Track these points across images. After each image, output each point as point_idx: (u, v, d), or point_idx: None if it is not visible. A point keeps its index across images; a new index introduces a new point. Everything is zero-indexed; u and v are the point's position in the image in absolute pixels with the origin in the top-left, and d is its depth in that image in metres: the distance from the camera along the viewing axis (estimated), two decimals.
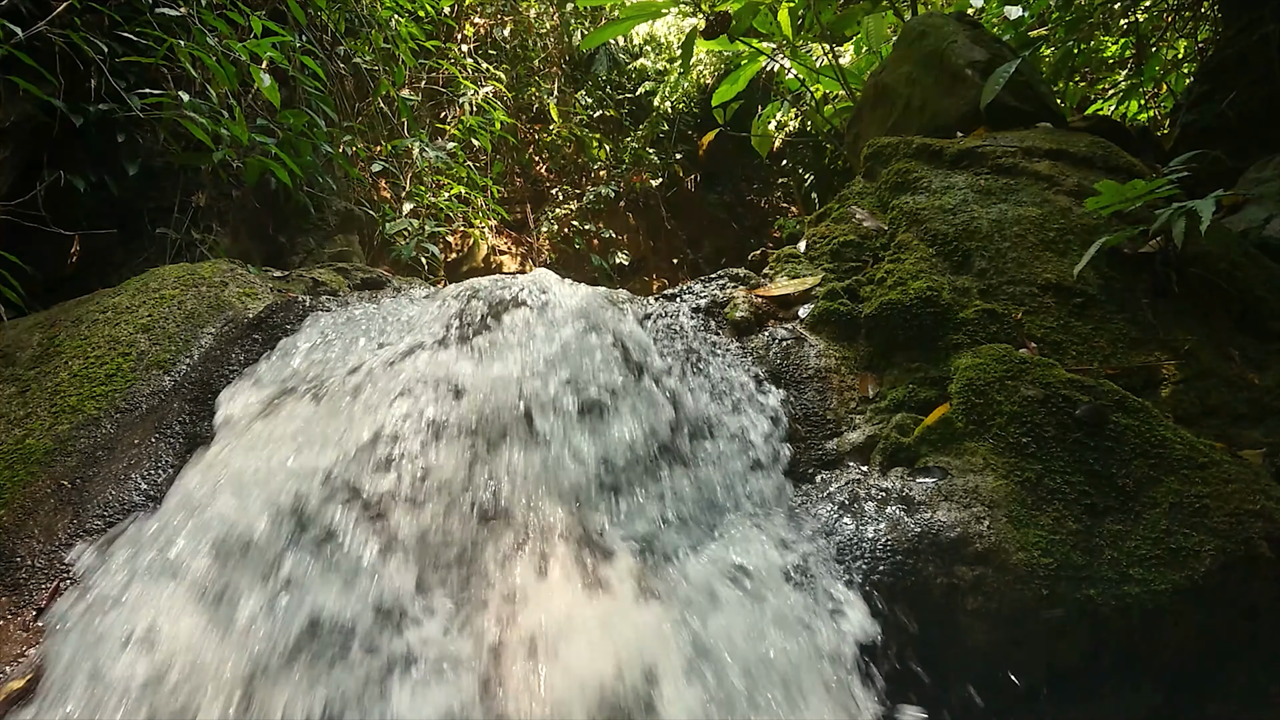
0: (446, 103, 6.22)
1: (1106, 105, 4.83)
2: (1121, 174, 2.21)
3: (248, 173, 3.40)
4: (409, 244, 4.93)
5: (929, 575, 1.35)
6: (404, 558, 1.34)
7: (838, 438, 1.73)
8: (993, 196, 2.14)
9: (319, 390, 1.67)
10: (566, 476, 1.49)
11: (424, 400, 1.57)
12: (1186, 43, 4.72)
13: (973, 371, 1.64)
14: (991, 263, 1.94)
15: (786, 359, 1.90)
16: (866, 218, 2.28)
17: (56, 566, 1.51)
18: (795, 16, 3.88)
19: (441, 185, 5.61)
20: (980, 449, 1.53)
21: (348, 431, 1.51)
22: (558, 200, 7.65)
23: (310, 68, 3.66)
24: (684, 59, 4.24)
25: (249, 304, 2.26)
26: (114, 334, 2.04)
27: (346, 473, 1.44)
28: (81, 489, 1.66)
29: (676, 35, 7.86)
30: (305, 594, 1.26)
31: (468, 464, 1.48)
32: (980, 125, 2.59)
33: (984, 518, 1.41)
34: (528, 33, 7.41)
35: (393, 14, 4.69)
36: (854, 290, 2.04)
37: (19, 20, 2.62)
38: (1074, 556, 1.36)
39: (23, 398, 1.90)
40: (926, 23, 3.04)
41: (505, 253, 7.21)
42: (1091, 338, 1.78)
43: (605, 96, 7.95)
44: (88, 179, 3.03)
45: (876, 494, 1.51)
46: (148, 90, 3.02)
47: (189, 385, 1.93)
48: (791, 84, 4.61)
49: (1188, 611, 1.32)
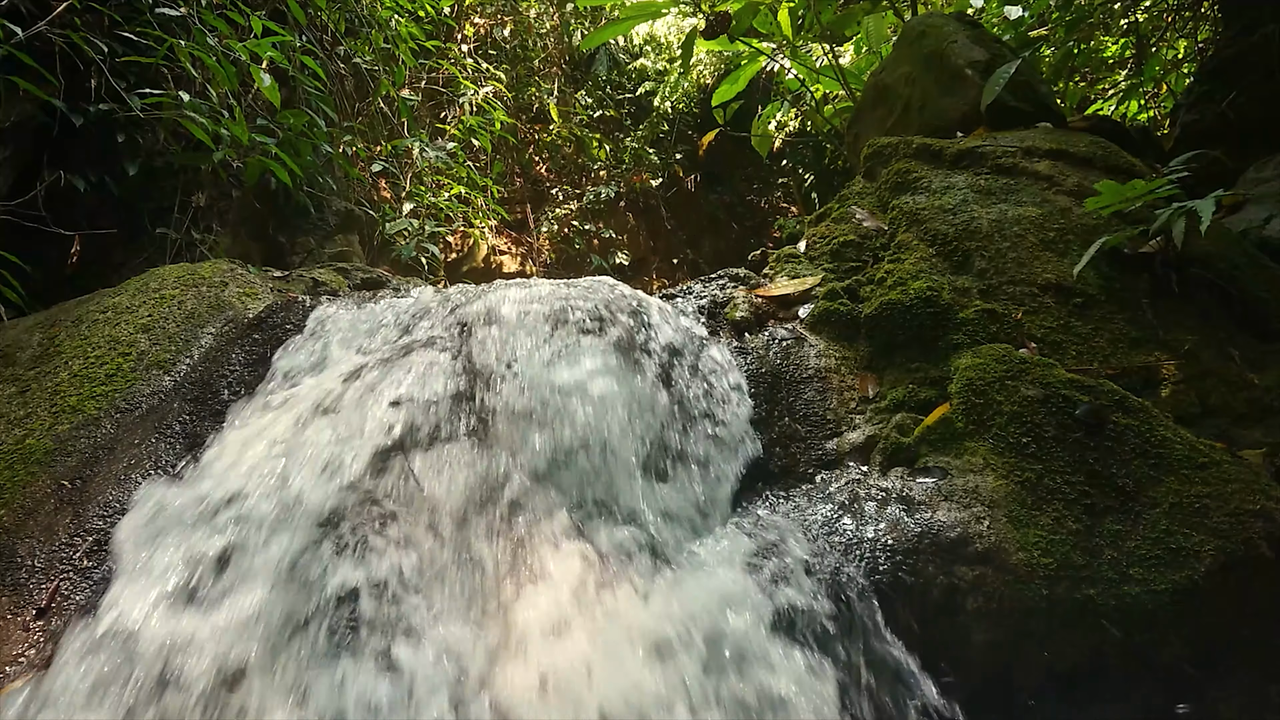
0: (446, 103, 6.22)
1: (1106, 105, 4.83)
2: (1121, 174, 2.21)
3: (248, 173, 3.40)
4: (409, 244, 4.93)
5: (929, 575, 1.35)
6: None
7: (838, 438, 1.73)
8: (993, 196, 2.14)
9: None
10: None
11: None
12: (1186, 43, 4.73)
13: (973, 371, 1.64)
14: (991, 263, 1.94)
15: (786, 359, 1.90)
16: (866, 218, 2.28)
17: (57, 566, 1.51)
18: (795, 16, 3.88)
19: (441, 185, 5.62)
20: (980, 449, 1.53)
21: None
22: (558, 200, 7.65)
23: (310, 68, 3.66)
24: (684, 59, 4.24)
25: (249, 304, 2.26)
26: (114, 334, 2.04)
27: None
28: (82, 489, 1.66)
29: (676, 35, 7.86)
30: None
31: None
32: (980, 125, 2.59)
33: (984, 518, 1.41)
34: (528, 33, 7.41)
35: (393, 14, 4.69)
36: (854, 290, 2.04)
37: (19, 20, 2.63)
38: (1074, 556, 1.36)
39: (23, 398, 1.89)
40: (926, 23, 3.04)
41: (505, 253, 7.21)
42: (1091, 338, 1.78)
43: (605, 96, 7.95)
44: (88, 179, 3.03)
45: (876, 494, 1.51)
46: (148, 90, 3.02)
47: (189, 385, 1.93)
48: (791, 84, 4.61)
49: (1188, 611, 1.32)
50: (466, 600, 1.30)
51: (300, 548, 1.31)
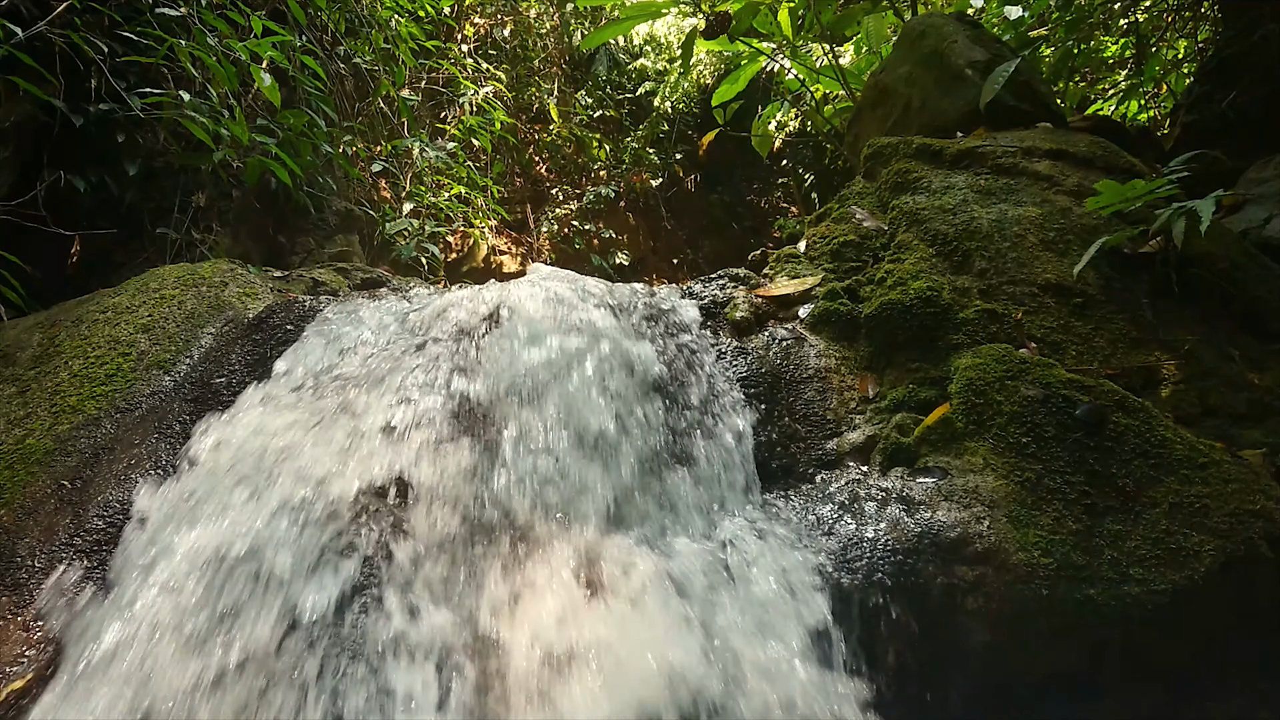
0: (446, 103, 6.22)
1: (1106, 105, 4.83)
2: (1121, 174, 2.21)
3: (248, 173, 3.40)
4: (409, 244, 4.93)
5: (929, 575, 1.35)
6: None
7: (838, 438, 1.73)
8: (993, 196, 2.14)
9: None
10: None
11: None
12: (1186, 43, 4.73)
13: (973, 371, 1.63)
14: (991, 263, 1.94)
15: (786, 359, 1.90)
16: (866, 218, 2.28)
17: (57, 566, 1.51)
18: (795, 16, 3.88)
19: (441, 185, 5.61)
20: (980, 449, 1.53)
21: None
22: (558, 200, 7.65)
23: (310, 68, 3.66)
24: (684, 59, 4.24)
25: (249, 304, 2.26)
26: (114, 334, 2.04)
27: None
28: (82, 489, 1.66)
29: (676, 35, 7.86)
30: None
31: None
32: (980, 125, 2.59)
33: (984, 518, 1.41)
34: (528, 33, 7.41)
35: (393, 14, 4.69)
36: (854, 290, 2.04)
37: (19, 20, 2.62)
38: (1074, 556, 1.36)
39: (23, 398, 1.89)
40: (926, 23, 3.04)
41: (505, 253, 7.21)
42: (1091, 338, 1.78)
43: (605, 96, 7.95)
44: (88, 179, 3.03)
45: (877, 494, 1.51)
46: (148, 90, 3.02)
47: (189, 385, 1.92)
48: (791, 84, 4.61)
49: (1188, 611, 1.32)
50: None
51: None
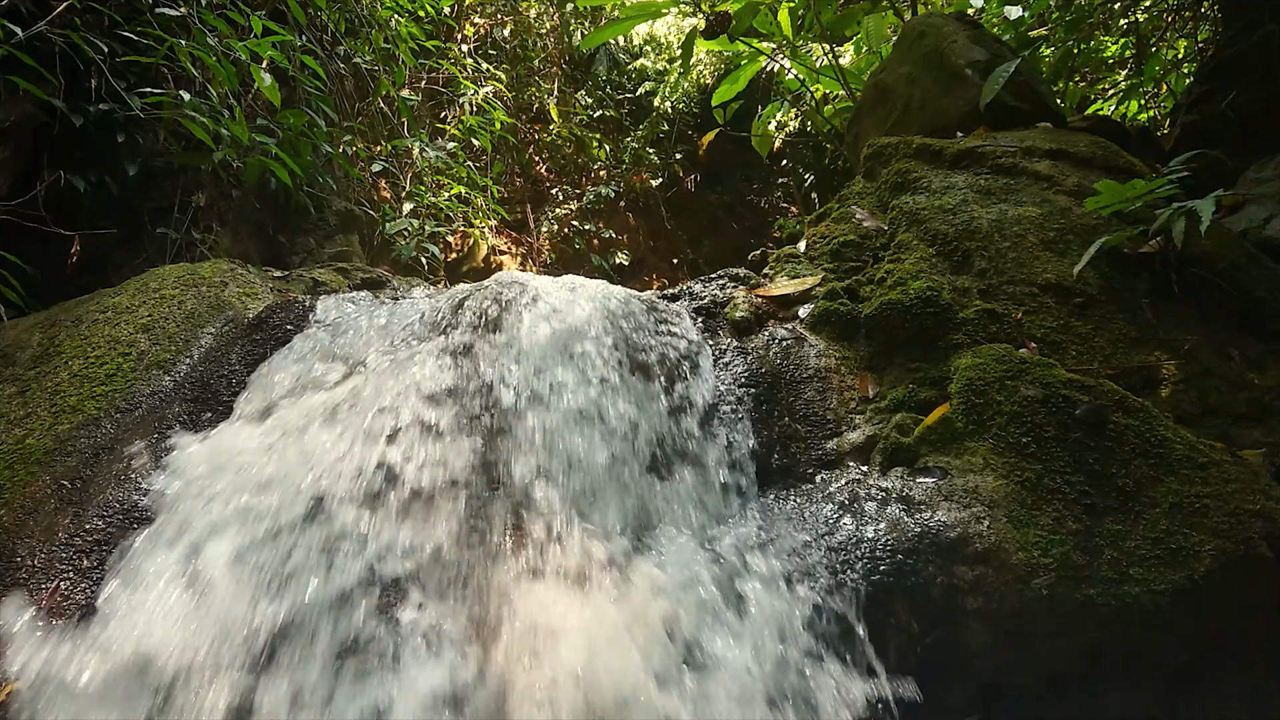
0: (446, 103, 6.22)
1: (1106, 105, 4.83)
2: (1121, 174, 2.21)
3: (248, 173, 3.40)
4: (409, 244, 4.93)
5: (929, 575, 1.35)
6: None
7: (838, 438, 1.73)
8: (993, 196, 2.14)
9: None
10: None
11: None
12: (1186, 43, 4.72)
13: (973, 371, 1.63)
14: (991, 263, 1.94)
15: (786, 359, 1.90)
16: (866, 218, 2.28)
17: (56, 566, 1.51)
18: (795, 16, 3.88)
19: (441, 185, 5.61)
20: (980, 449, 1.53)
21: None
22: (558, 200, 7.65)
23: (310, 67, 3.66)
24: (684, 59, 4.24)
25: (249, 304, 2.26)
26: (114, 334, 2.04)
27: None
28: (82, 489, 1.66)
29: (676, 35, 7.86)
30: None
31: None
32: (980, 125, 2.59)
33: (984, 518, 1.41)
34: (528, 33, 7.41)
35: (393, 14, 4.69)
36: (854, 290, 2.04)
37: (19, 20, 2.62)
38: (1074, 556, 1.36)
39: (23, 398, 1.89)
40: (926, 23, 3.04)
41: (505, 253, 7.21)
42: (1091, 338, 1.78)
43: (605, 96, 7.95)
44: (88, 179, 3.03)
45: (876, 494, 1.51)
46: (148, 90, 3.02)
47: (189, 385, 1.92)
48: (791, 84, 4.61)
49: (1188, 611, 1.32)
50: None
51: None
